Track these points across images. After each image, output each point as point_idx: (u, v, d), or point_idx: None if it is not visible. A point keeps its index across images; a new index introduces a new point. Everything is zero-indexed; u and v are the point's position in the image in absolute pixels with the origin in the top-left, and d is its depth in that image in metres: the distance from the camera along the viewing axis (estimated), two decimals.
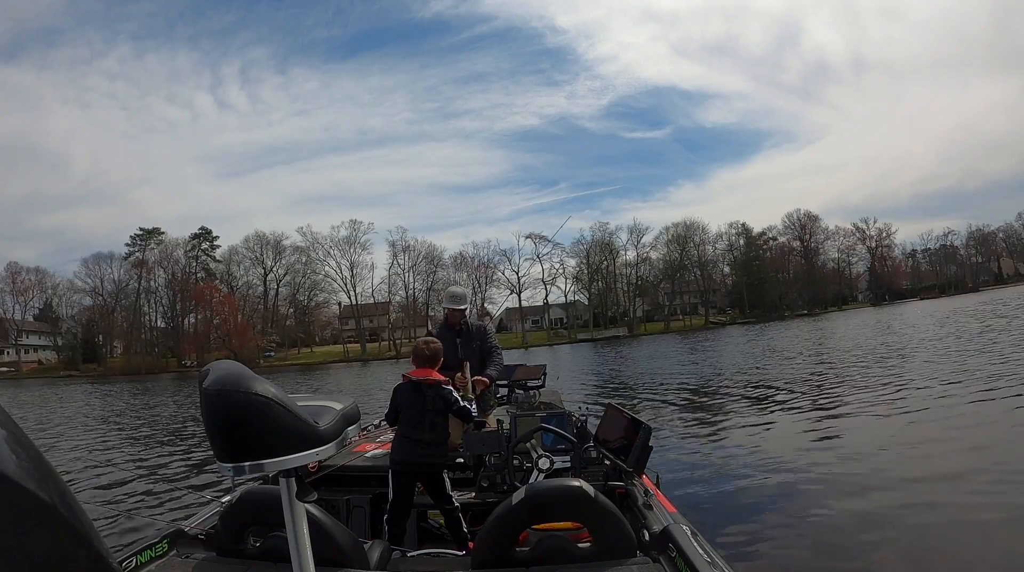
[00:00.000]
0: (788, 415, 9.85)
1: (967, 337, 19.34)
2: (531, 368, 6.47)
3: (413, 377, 3.49)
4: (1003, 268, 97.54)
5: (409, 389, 3.47)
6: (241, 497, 2.49)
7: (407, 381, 3.50)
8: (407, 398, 3.45)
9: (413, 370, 3.55)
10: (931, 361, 14.53)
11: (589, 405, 9.31)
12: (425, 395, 3.43)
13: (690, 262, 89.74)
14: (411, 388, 3.46)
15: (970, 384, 10.42)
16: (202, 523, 2.81)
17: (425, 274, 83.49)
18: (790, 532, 4.83)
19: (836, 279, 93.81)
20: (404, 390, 3.49)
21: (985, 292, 76.83)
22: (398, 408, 3.49)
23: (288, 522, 1.35)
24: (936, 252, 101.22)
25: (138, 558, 2.41)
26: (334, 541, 2.23)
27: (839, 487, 5.79)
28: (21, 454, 0.47)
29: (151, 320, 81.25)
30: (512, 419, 3.99)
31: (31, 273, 77.00)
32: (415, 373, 3.51)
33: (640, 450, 3.11)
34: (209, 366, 1.26)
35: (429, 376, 3.49)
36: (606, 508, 2.27)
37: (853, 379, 13.26)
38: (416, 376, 3.49)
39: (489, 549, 2.31)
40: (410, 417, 3.41)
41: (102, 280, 78.05)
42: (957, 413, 8.38)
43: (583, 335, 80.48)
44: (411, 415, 3.41)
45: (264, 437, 1.17)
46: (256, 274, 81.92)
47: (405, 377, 3.54)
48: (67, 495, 0.50)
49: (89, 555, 0.50)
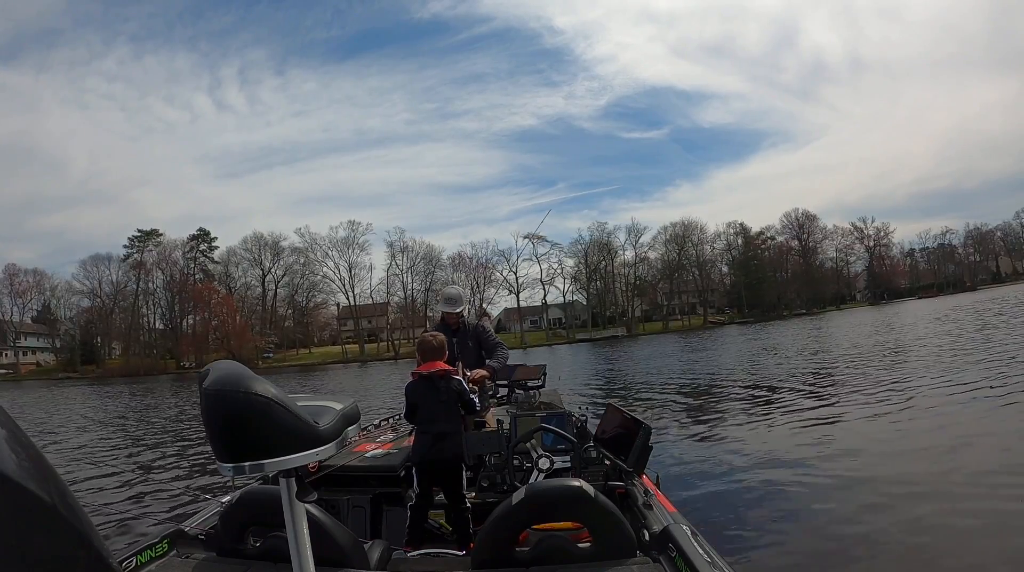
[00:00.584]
0: (788, 414, 9.85)
1: (964, 335, 19.39)
2: (531, 368, 6.46)
3: (423, 372, 3.53)
4: (1001, 267, 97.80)
5: (422, 385, 3.51)
6: (241, 497, 2.48)
7: (418, 377, 3.54)
8: (421, 394, 3.49)
9: (422, 365, 3.58)
10: (929, 360, 14.55)
11: (589, 405, 9.30)
12: (438, 387, 3.47)
13: (688, 262, 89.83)
14: (424, 383, 3.50)
15: (967, 383, 10.44)
16: (202, 523, 2.81)
17: (423, 274, 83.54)
18: (790, 532, 4.84)
19: (834, 278, 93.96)
20: (417, 387, 3.53)
21: (983, 290, 77.02)
22: (414, 406, 3.52)
23: (288, 522, 1.35)
24: (934, 251, 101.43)
25: (138, 558, 2.41)
26: (334, 541, 2.23)
27: (839, 487, 5.80)
28: (21, 454, 0.47)
29: (149, 321, 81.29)
30: (512, 419, 3.99)
31: (29, 275, 77.08)
32: (424, 367, 3.55)
33: (640, 450, 3.11)
34: (209, 366, 1.26)
35: (439, 368, 3.54)
36: (606, 508, 2.26)
37: (851, 378, 13.28)
38: (426, 369, 3.53)
39: (489, 549, 2.30)
40: (427, 412, 3.45)
41: (100, 281, 78.12)
42: (957, 412, 8.40)
43: (582, 335, 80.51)
44: (427, 410, 3.45)
45: (264, 437, 1.17)
46: (254, 275, 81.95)
47: (415, 374, 3.57)
48: (67, 495, 0.50)
49: (89, 555, 0.50)
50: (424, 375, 3.50)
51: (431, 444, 3.40)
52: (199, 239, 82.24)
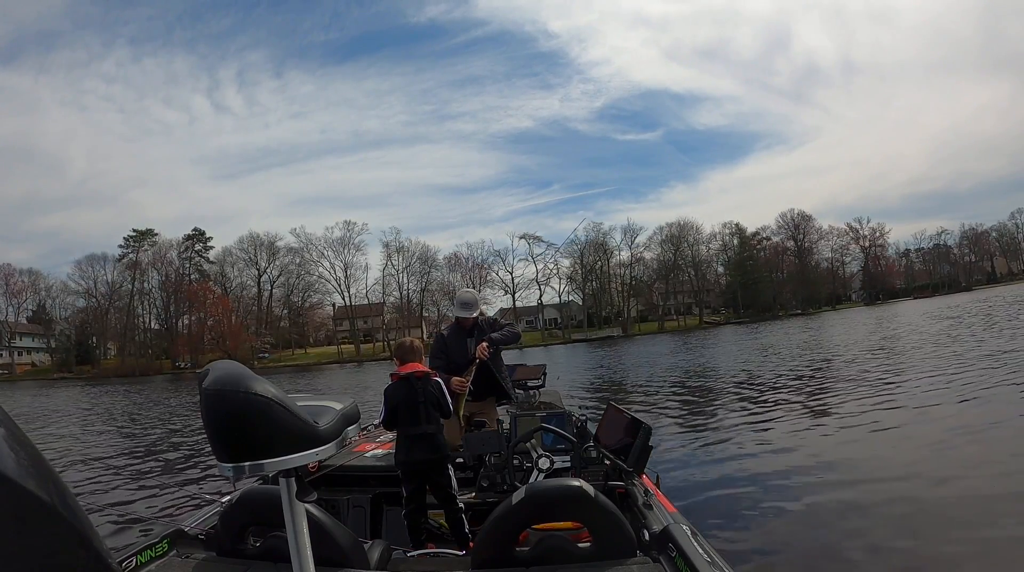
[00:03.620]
0: (787, 414, 9.87)
1: (963, 334, 19.47)
2: (531, 368, 6.47)
3: (403, 373, 3.47)
4: (996, 267, 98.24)
5: (402, 386, 3.44)
6: (241, 497, 2.48)
7: (397, 379, 3.47)
8: (402, 396, 3.41)
9: (401, 367, 3.53)
10: (926, 359, 14.60)
11: (589, 405, 9.30)
12: (416, 388, 3.41)
13: (684, 262, 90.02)
14: (403, 385, 3.44)
15: (965, 382, 10.49)
16: (202, 523, 2.80)
17: (419, 275, 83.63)
18: (790, 532, 4.84)
19: (830, 279, 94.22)
20: (397, 389, 3.45)
21: (978, 291, 77.35)
22: (395, 409, 3.43)
23: (288, 522, 1.35)
24: (929, 252, 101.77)
25: (138, 558, 2.40)
26: (334, 541, 2.23)
27: (840, 486, 5.80)
28: (20, 453, 0.47)
29: (145, 321, 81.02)
30: (512, 419, 3.99)
31: (24, 275, 76.86)
32: (404, 368, 3.49)
33: (640, 450, 3.11)
34: (209, 366, 1.25)
35: (418, 369, 3.49)
36: (606, 508, 2.26)
37: (850, 378, 13.30)
38: (405, 370, 3.47)
39: (489, 549, 2.30)
40: (408, 414, 3.39)
41: (95, 282, 77.87)
42: (957, 413, 8.42)
43: (577, 335, 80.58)
44: (408, 411, 3.39)
45: (264, 437, 1.16)
46: (250, 275, 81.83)
47: (394, 376, 3.50)
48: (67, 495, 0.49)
49: (89, 555, 0.49)
50: (404, 376, 3.44)
51: (414, 445, 3.36)
52: (194, 239, 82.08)
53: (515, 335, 4.85)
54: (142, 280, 79.09)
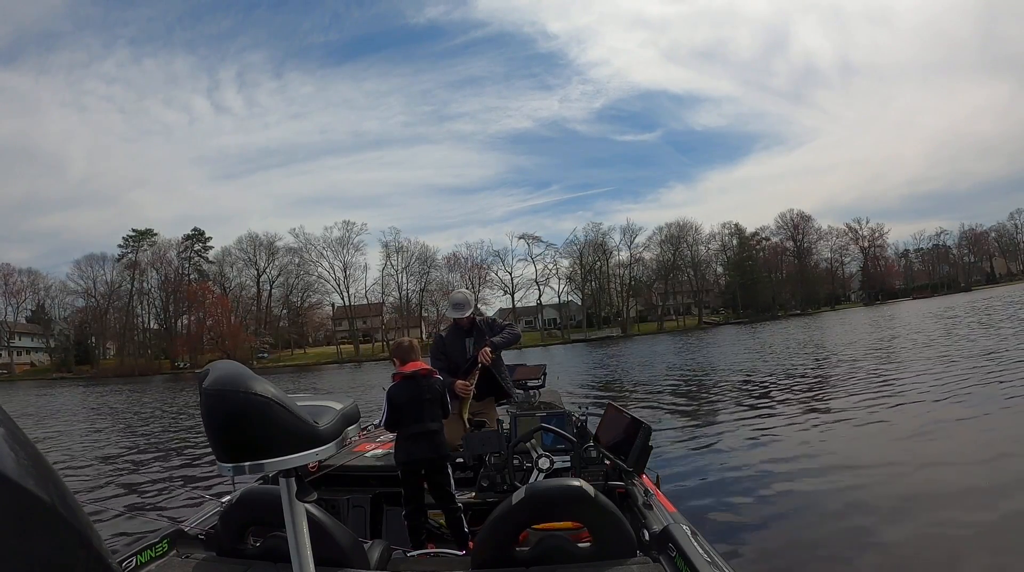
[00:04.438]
0: (787, 414, 9.88)
1: (956, 335, 19.49)
2: (531, 368, 6.46)
3: (406, 371, 3.45)
4: (995, 267, 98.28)
5: (406, 385, 3.42)
6: (241, 497, 2.48)
7: (400, 379, 3.45)
8: (406, 395, 3.39)
9: (402, 366, 3.50)
10: (928, 359, 14.61)
11: (589, 405, 9.29)
12: (422, 385, 3.41)
13: (683, 262, 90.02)
14: (409, 383, 3.42)
15: (962, 381, 10.50)
16: (202, 523, 2.80)
17: (418, 275, 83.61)
18: (791, 531, 4.84)
19: (829, 279, 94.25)
20: (402, 388, 3.43)
21: (977, 291, 77.38)
22: (399, 408, 3.39)
23: (288, 522, 1.35)
24: (928, 252, 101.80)
25: (138, 558, 2.39)
26: (334, 541, 2.22)
27: (840, 486, 5.79)
28: (20, 453, 0.47)
29: (144, 321, 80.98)
30: (512, 419, 3.98)
31: (23, 275, 76.76)
32: (407, 367, 3.47)
33: (640, 450, 3.10)
34: (209, 366, 1.26)
35: (422, 367, 3.49)
36: (606, 508, 2.26)
37: (850, 377, 13.32)
38: (408, 369, 3.45)
39: (489, 549, 2.30)
40: (412, 412, 3.37)
41: (95, 281, 77.86)
42: (957, 412, 8.43)
43: (577, 335, 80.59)
44: (413, 410, 3.37)
45: (264, 437, 1.17)
46: (249, 275, 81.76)
47: (396, 376, 3.47)
48: (67, 495, 0.49)
49: (89, 555, 0.49)
50: (409, 374, 3.43)
51: (416, 443, 3.34)
52: (194, 239, 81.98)
53: (515, 336, 4.82)
54: (141, 280, 79.13)
